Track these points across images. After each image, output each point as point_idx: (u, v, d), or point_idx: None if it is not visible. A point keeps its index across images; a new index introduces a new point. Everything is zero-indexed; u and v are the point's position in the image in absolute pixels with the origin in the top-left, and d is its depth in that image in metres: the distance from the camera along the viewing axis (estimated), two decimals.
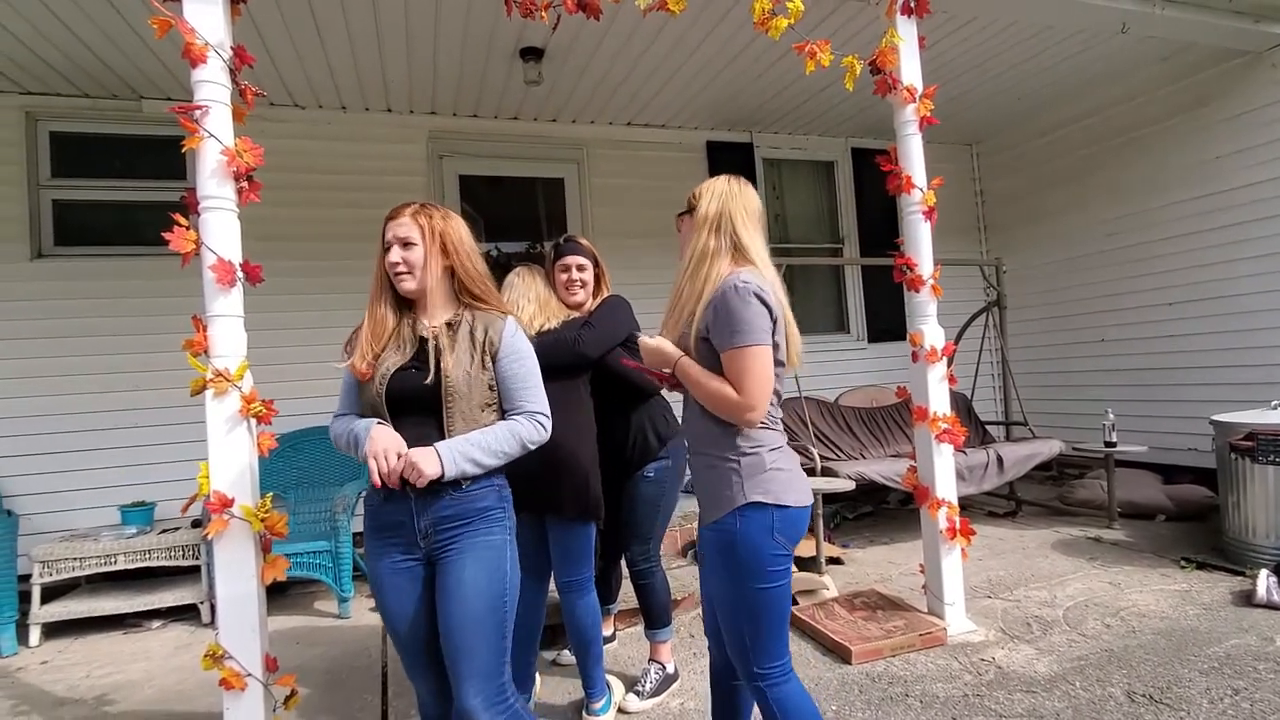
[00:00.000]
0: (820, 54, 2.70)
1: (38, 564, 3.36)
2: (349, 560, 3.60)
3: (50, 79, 3.86)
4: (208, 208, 1.96)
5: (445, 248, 1.67)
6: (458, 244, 1.69)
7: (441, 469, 1.53)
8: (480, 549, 1.60)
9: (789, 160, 5.80)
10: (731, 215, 1.69)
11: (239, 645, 1.92)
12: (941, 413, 2.90)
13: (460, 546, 1.59)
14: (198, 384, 1.93)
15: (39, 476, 3.87)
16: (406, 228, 1.66)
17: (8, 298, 3.90)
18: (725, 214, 1.69)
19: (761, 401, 1.55)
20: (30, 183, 4.01)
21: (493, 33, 3.71)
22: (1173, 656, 2.55)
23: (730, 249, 1.68)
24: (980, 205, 6.39)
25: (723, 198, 1.71)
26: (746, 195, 1.73)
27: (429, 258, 1.65)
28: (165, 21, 1.93)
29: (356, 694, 2.64)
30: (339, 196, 4.51)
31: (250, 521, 1.92)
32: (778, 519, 1.56)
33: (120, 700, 2.72)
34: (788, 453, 1.66)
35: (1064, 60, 4.52)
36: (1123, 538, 4.06)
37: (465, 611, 1.55)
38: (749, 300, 1.55)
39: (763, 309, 1.56)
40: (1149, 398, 5.03)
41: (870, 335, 5.83)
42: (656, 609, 2.54)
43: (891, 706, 2.31)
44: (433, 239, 1.66)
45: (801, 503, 1.60)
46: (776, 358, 1.61)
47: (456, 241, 1.69)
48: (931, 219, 2.93)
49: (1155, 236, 4.95)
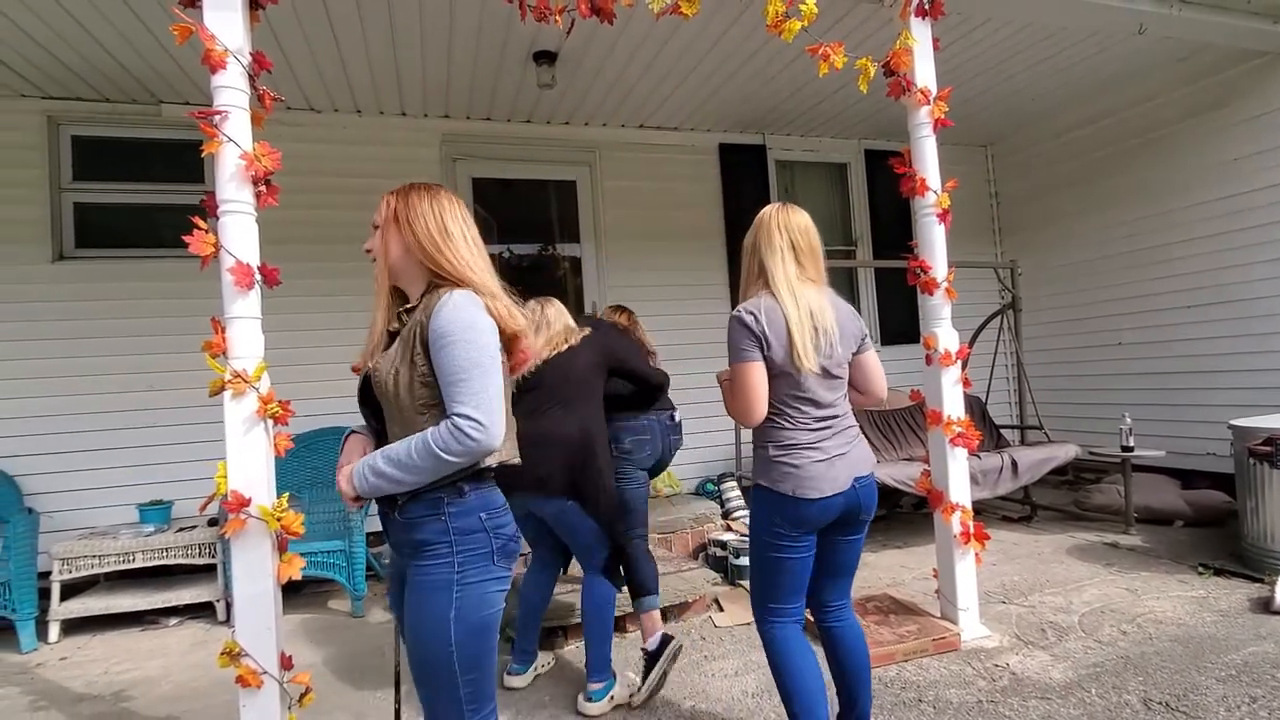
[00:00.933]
0: (834, 56, 2.70)
1: (57, 561, 3.42)
2: (362, 560, 3.63)
3: (72, 84, 3.92)
4: (226, 211, 1.99)
5: (398, 222, 1.50)
6: (411, 218, 1.48)
7: (353, 486, 1.38)
8: (421, 588, 1.37)
9: (802, 162, 5.80)
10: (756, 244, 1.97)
11: (255, 643, 1.94)
12: (955, 416, 2.88)
13: (410, 581, 1.40)
14: (216, 385, 1.96)
15: (59, 475, 3.93)
16: (377, 211, 1.56)
17: (30, 299, 3.97)
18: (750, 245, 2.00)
19: (744, 408, 1.83)
20: (52, 186, 4.08)
21: (506, 37, 3.73)
22: (1190, 664, 2.52)
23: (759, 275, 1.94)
24: (995, 207, 6.35)
25: (754, 229, 1.99)
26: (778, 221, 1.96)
27: (386, 237, 1.52)
28: (186, 28, 1.96)
29: (370, 692, 2.66)
30: (354, 199, 4.54)
31: (267, 521, 1.94)
32: (774, 502, 1.83)
33: (138, 696, 2.75)
34: (800, 451, 1.82)
35: (1080, 61, 4.48)
36: (1139, 543, 4.01)
37: (412, 659, 1.40)
38: (732, 326, 1.85)
39: (743, 331, 1.82)
40: (1167, 401, 4.97)
41: (883, 338, 5.80)
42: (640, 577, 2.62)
43: (904, 712, 2.30)
44: (391, 217, 1.52)
45: (799, 494, 1.79)
46: (780, 367, 1.81)
47: (410, 215, 1.49)
48: (946, 221, 2.92)
49: (1173, 239, 4.90)
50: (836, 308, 1.92)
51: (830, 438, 1.86)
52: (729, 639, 3.00)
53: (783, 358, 1.81)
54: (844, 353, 1.90)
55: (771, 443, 1.85)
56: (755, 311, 1.83)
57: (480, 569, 1.39)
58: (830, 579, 1.99)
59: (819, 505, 1.81)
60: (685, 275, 5.29)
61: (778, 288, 1.86)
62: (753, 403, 1.82)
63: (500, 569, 1.42)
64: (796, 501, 1.80)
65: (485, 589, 1.39)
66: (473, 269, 1.47)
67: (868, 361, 1.99)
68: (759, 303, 1.86)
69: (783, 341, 1.81)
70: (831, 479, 1.82)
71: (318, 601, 3.82)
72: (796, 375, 1.82)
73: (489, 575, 1.39)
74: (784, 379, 1.83)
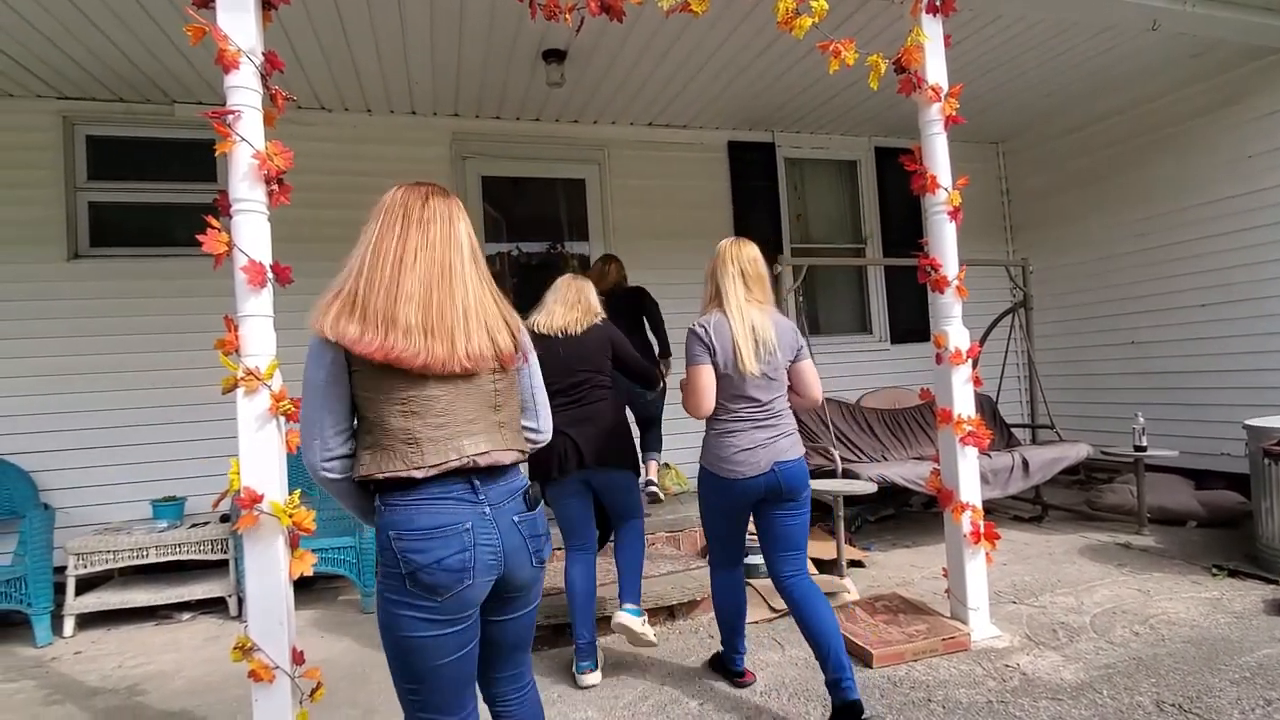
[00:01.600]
0: (845, 53, 2.69)
1: (72, 556, 3.46)
2: (373, 556, 3.65)
3: (86, 84, 3.96)
4: (239, 210, 2.01)
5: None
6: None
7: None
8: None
9: (811, 160, 5.77)
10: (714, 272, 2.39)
11: (267, 638, 1.96)
12: (966, 415, 2.86)
13: None
14: (229, 382, 1.98)
15: (74, 471, 3.97)
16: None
17: (46, 297, 4.01)
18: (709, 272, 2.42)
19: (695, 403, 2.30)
20: (68, 185, 4.12)
21: (516, 35, 3.74)
22: (1203, 666, 2.50)
23: (715, 296, 2.36)
24: (1006, 204, 6.31)
25: (713, 259, 2.41)
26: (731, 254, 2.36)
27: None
28: (200, 29, 1.98)
29: (380, 688, 2.68)
30: (364, 198, 4.52)
31: (279, 517, 1.96)
32: (710, 479, 2.35)
33: (151, 690, 2.78)
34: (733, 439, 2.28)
35: (1092, 57, 4.44)
36: (1152, 544, 3.98)
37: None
38: (689, 337, 2.32)
39: (697, 341, 2.29)
40: (1180, 401, 4.93)
41: (893, 336, 5.77)
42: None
43: (913, 712, 2.30)
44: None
45: (730, 475, 2.26)
46: (724, 371, 2.26)
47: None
48: (956, 219, 2.90)
49: (1186, 236, 4.85)
50: (777, 324, 2.32)
51: (760, 430, 2.28)
52: None
53: (727, 363, 2.24)
54: (782, 359, 2.31)
55: (713, 431, 2.35)
56: (706, 325, 2.29)
57: (390, 588, 1.34)
58: (780, 553, 2.36)
59: (742, 484, 2.26)
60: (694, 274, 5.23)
61: (728, 307, 2.29)
62: (702, 399, 2.28)
63: (413, 595, 1.31)
64: (725, 480, 2.28)
65: (392, 610, 1.34)
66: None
67: (804, 369, 2.40)
68: (710, 319, 2.31)
69: (728, 350, 2.24)
70: (753, 463, 2.25)
71: (328, 597, 3.85)
72: (738, 378, 2.25)
73: (399, 598, 1.33)
74: (727, 381, 2.27)
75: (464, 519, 1.36)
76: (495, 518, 1.41)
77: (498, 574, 1.41)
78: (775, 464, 2.25)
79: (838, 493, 3.63)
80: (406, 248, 1.40)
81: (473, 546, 1.35)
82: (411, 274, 1.38)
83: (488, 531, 1.38)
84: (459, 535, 1.35)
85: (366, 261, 1.40)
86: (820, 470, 4.28)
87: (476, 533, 1.37)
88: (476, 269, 1.47)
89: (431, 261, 1.40)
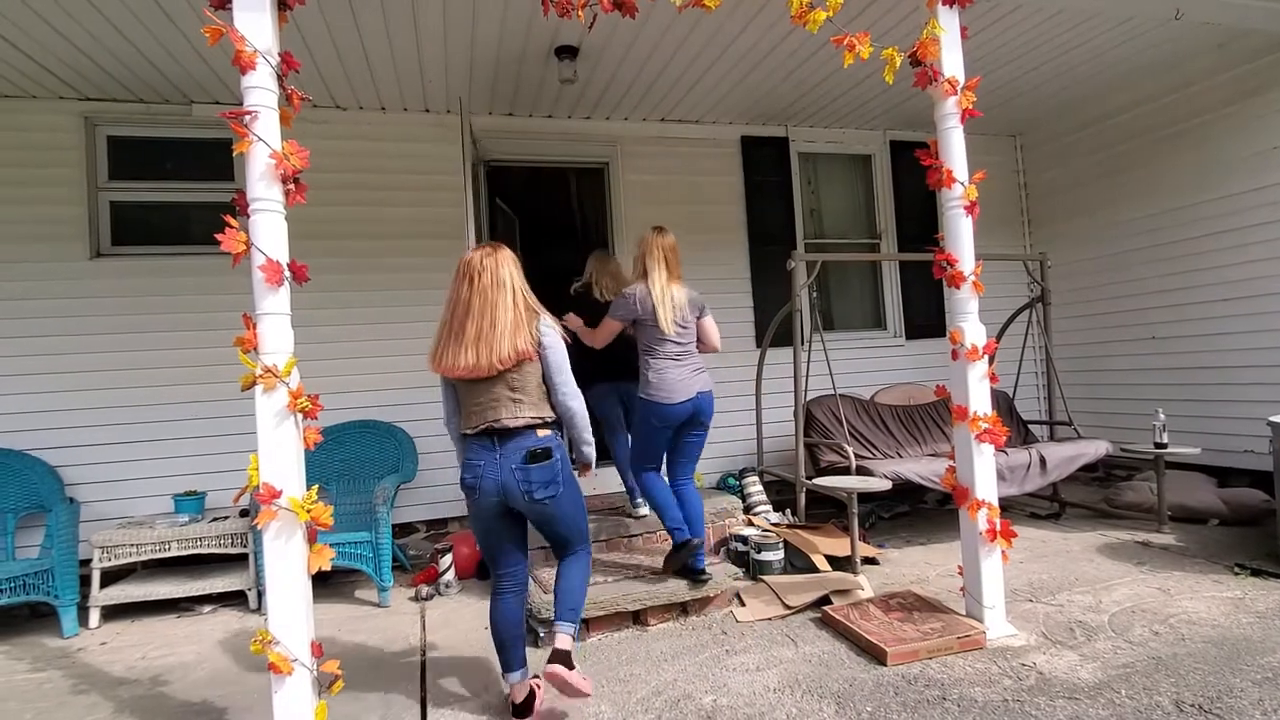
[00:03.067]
0: (860, 46, 2.66)
1: (97, 549, 3.53)
2: (389, 551, 3.70)
3: (107, 85, 4.02)
4: (257, 209, 2.03)
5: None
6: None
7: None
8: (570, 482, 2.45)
9: (825, 154, 5.73)
10: (643, 256, 3.22)
11: (286, 631, 1.99)
12: (982, 412, 2.84)
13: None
14: (247, 379, 2.00)
15: (98, 466, 4.05)
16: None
17: (69, 295, 4.09)
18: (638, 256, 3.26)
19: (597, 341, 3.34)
20: (90, 185, 4.19)
21: (528, 32, 3.74)
22: (1224, 666, 2.46)
23: (643, 274, 3.21)
24: (1024, 198, 6.22)
25: (640, 245, 3.26)
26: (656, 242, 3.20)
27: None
28: (217, 30, 2.00)
29: (396, 680, 2.72)
30: (379, 195, 4.61)
31: (297, 512, 1.99)
32: (649, 404, 3.15)
33: (174, 681, 2.84)
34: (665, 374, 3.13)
35: (1113, 48, 4.37)
36: (1173, 542, 3.93)
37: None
38: (619, 299, 3.23)
39: (624, 304, 3.17)
40: (1203, 397, 4.84)
41: (908, 332, 5.73)
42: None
43: (928, 710, 2.29)
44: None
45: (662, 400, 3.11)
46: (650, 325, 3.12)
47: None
48: (973, 214, 2.87)
49: (1210, 230, 4.76)
50: (687, 294, 3.22)
51: (680, 366, 3.16)
52: (750, 634, 3.00)
53: (652, 321, 3.10)
54: (690, 317, 3.21)
55: (649, 369, 3.16)
56: (635, 294, 3.16)
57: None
58: (681, 462, 3.29)
59: (676, 407, 3.11)
60: (707, 269, 5.26)
61: (651, 281, 3.14)
62: (602, 340, 3.31)
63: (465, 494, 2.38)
64: (661, 404, 3.11)
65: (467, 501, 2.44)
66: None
67: (705, 324, 3.30)
68: (638, 289, 3.17)
69: (649, 311, 3.11)
70: (683, 391, 3.12)
71: (345, 591, 3.89)
72: (661, 330, 3.10)
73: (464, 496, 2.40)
74: (655, 330, 3.11)
75: (482, 459, 2.31)
76: (501, 463, 2.29)
77: (499, 497, 2.29)
78: (698, 393, 3.16)
79: (852, 489, 3.61)
80: (461, 297, 2.34)
81: (481, 477, 2.30)
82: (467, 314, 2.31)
83: (493, 470, 2.29)
84: (475, 467, 2.32)
85: (443, 315, 2.39)
86: (834, 467, 4.27)
87: (486, 469, 2.29)
88: (514, 297, 2.34)
89: (483, 300, 2.31)
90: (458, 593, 3.78)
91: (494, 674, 2.72)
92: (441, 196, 4.72)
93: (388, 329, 4.55)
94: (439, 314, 2.40)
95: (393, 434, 4.35)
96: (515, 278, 2.36)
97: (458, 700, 2.54)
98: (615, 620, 3.10)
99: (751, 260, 5.36)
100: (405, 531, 4.57)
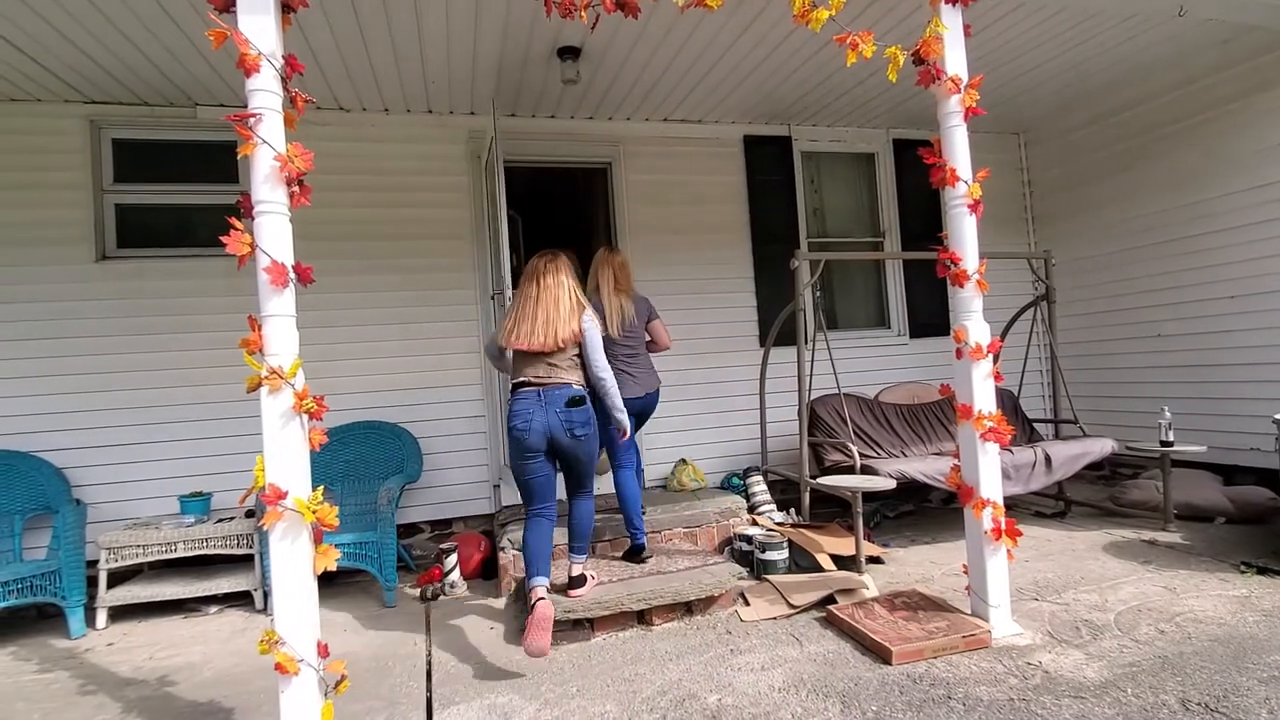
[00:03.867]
0: (862, 45, 2.66)
1: (104, 550, 3.55)
2: (394, 551, 3.71)
3: (112, 89, 4.04)
4: (261, 212, 2.03)
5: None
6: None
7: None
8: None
9: (828, 153, 5.72)
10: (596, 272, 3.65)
11: (293, 632, 2.00)
12: (987, 410, 2.83)
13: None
14: (253, 381, 2.01)
15: (104, 468, 4.07)
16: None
17: (75, 298, 4.11)
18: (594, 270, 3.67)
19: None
20: (95, 188, 4.21)
21: (531, 33, 3.75)
22: (1230, 664, 2.45)
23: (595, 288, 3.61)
24: (1028, 196, 6.21)
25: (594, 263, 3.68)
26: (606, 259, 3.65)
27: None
28: (221, 33, 2.01)
29: (402, 681, 2.72)
30: (383, 197, 4.62)
31: (303, 513, 1.99)
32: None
33: (181, 681, 2.85)
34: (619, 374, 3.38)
35: (1116, 45, 4.35)
36: (1179, 540, 3.91)
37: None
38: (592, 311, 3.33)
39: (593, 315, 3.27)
40: (1208, 395, 4.83)
41: (912, 330, 5.72)
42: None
43: (933, 709, 2.28)
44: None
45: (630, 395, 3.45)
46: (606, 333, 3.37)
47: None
48: (977, 212, 2.87)
49: (1215, 227, 4.74)
50: (636, 303, 3.64)
51: (633, 368, 3.57)
52: (755, 633, 3.00)
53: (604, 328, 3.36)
54: (639, 324, 3.63)
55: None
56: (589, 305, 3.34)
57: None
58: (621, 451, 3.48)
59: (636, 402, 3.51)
60: (709, 268, 5.27)
61: (603, 296, 3.56)
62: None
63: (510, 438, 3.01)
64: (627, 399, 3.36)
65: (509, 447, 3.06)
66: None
67: (654, 326, 3.72)
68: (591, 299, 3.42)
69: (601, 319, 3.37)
70: (635, 388, 3.51)
71: (350, 592, 3.91)
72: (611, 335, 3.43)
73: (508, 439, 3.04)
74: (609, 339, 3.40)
75: (532, 409, 2.93)
76: (547, 409, 2.93)
77: (545, 436, 2.92)
78: (646, 392, 3.59)
79: (856, 488, 3.61)
80: (530, 293, 3.08)
81: (531, 422, 2.91)
82: (531, 303, 3.04)
83: (540, 416, 2.92)
84: (525, 415, 2.93)
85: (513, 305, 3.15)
86: (838, 466, 4.26)
87: (535, 416, 2.92)
88: (569, 295, 3.07)
89: (549, 295, 3.05)
90: (462, 593, 3.78)
91: (501, 673, 2.73)
92: (444, 198, 4.73)
93: (392, 330, 4.56)
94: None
95: (397, 435, 4.36)
96: (570, 279, 3.11)
97: (464, 699, 2.54)
98: (620, 620, 3.11)
99: (754, 259, 5.35)
100: (410, 532, 4.58)
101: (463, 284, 4.74)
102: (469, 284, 4.75)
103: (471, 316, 4.73)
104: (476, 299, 4.75)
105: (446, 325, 4.68)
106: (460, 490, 4.66)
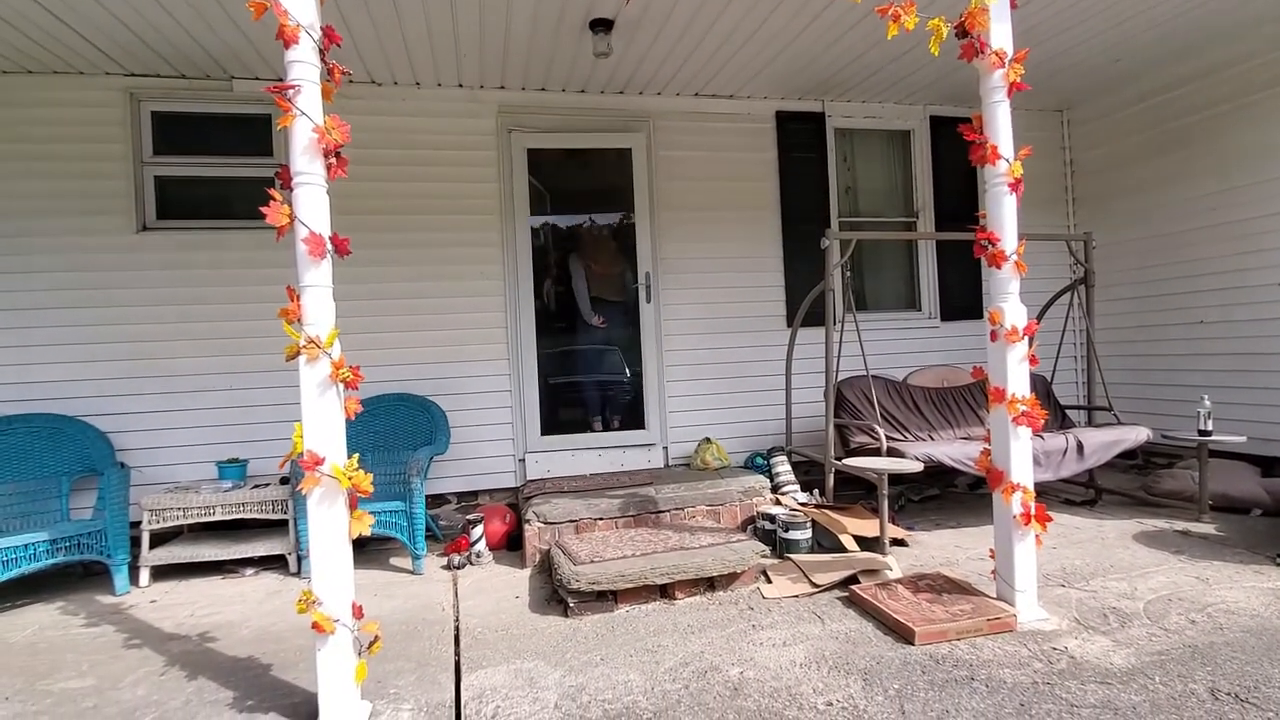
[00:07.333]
0: (904, 17, 2.59)
1: (147, 512, 3.68)
2: (422, 520, 3.79)
3: (151, 61, 4.10)
4: (300, 183, 2.06)
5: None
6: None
7: None
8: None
9: (862, 130, 5.61)
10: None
11: (329, 593, 2.06)
12: (1021, 394, 2.79)
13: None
14: (291, 349, 2.05)
15: (146, 433, 4.21)
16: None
17: (117, 268, 4.22)
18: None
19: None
20: (135, 160, 4.30)
21: (563, 4, 3.71)
22: (1263, 655, 2.41)
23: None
24: (1069, 176, 6.03)
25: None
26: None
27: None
28: (261, 4, 2.02)
29: (431, 644, 2.80)
30: (414, 170, 4.65)
31: (339, 479, 2.05)
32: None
33: (221, 638, 2.96)
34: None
35: (1173, 18, 4.17)
36: (1213, 531, 3.84)
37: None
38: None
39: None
40: (1251, 384, 4.69)
41: (944, 313, 5.62)
42: None
43: (956, 689, 2.29)
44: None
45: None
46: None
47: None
48: (1018, 191, 2.79)
49: (1265, 211, 4.56)
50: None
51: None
52: (777, 610, 3.02)
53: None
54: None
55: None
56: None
57: None
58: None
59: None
60: (738, 245, 5.23)
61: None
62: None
63: None
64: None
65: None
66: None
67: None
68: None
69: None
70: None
71: (380, 558, 4.01)
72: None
73: None
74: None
75: None
76: None
77: None
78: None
79: (883, 471, 3.59)
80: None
81: None
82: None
83: None
84: None
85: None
86: (864, 448, 4.24)
87: None
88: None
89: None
90: (488, 563, 3.86)
91: (526, 640, 2.80)
92: (473, 172, 4.74)
93: (422, 304, 4.62)
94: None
95: (426, 407, 4.44)
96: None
97: (490, 664, 2.61)
98: (643, 593, 3.15)
99: (784, 237, 5.29)
100: (437, 502, 4.67)
101: (491, 259, 4.77)
102: (496, 259, 4.78)
103: (499, 292, 4.77)
104: (503, 274, 4.78)
105: (475, 300, 4.72)
106: (486, 464, 4.73)
